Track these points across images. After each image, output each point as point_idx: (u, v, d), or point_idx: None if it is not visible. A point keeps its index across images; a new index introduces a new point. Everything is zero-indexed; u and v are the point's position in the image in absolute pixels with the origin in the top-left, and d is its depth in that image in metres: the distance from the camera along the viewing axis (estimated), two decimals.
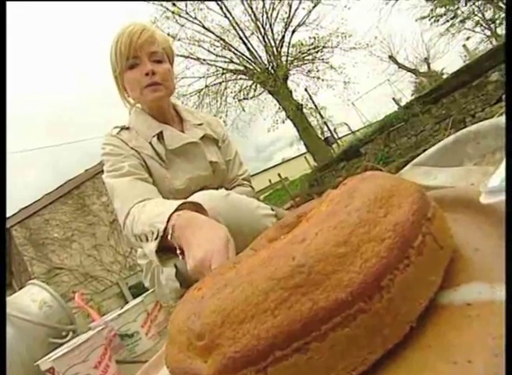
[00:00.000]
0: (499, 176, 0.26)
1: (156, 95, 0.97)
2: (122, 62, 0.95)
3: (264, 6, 9.23)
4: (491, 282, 0.21)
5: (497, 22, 9.26)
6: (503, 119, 0.67)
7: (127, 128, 1.02)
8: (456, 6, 8.59)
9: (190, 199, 0.84)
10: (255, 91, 9.87)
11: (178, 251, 0.67)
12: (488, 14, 9.33)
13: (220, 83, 9.70)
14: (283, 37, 9.45)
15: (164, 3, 8.84)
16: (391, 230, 0.20)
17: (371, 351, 0.18)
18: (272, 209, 0.93)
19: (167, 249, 0.72)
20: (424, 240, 0.21)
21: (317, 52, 9.69)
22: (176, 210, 0.69)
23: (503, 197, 0.23)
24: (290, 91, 9.13)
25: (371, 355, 0.18)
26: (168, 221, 0.67)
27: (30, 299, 1.11)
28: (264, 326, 0.18)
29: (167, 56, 1.01)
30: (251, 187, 1.18)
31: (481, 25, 9.39)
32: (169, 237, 0.67)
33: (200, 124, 1.10)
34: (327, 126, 10.61)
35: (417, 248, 0.20)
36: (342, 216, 0.22)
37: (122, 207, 0.86)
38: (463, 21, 9.18)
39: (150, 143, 0.99)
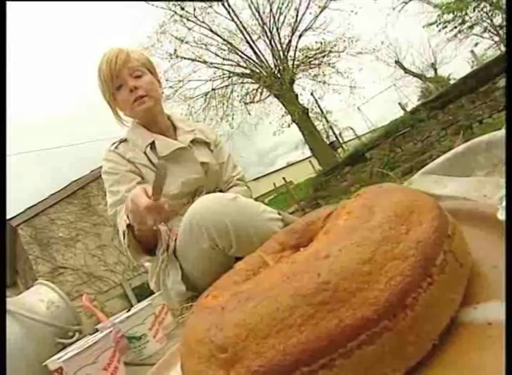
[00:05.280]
0: None
1: (144, 107, 1.05)
2: (108, 87, 1.06)
3: (271, 10, 9.29)
4: None
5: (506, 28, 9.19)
6: None
7: (125, 140, 1.11)
8: (464, 12, 8.55)
9: (197, 202, 0.88)
10: (261, 94, 9.90)
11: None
12: (497, 20, 9.27)
13: (226, 86, 9.75)
14: (290, 41, 9.49)
15: (172, 7, 8.93)
16: (414, 248, 0.21)
17: (395, 369, 0.18)
18: (279, 213, 0.94)
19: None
20: (445, 258, 0.21)
21: (323, 57, 9.70)
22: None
23: None
24: (296, 95, 9.14)
25: (395, 372, 0.18)
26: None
27: (37, 299, 1.12)
28: (291, 342, 0.18)
29: (147, 69, 1.10)
30: (247, 186, 1.23)
31: (490, 31, 9.33)
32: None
33: (192, 130, 1.16)
34: (332, 131, 10.61)
35: (439, 267, 0.21)
36: (364, 232, 0.22)
37: (120, 235, 0.99)
38: (471, 27, 9.13)
39: (145, 153, 1.06)
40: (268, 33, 9.34)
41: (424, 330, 0.19)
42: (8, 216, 5.59)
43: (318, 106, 10.16)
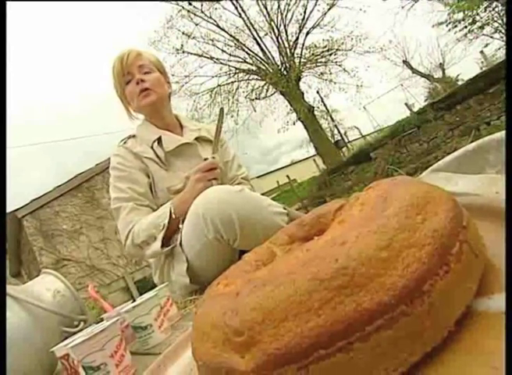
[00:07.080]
0: None
1: (148, 100, 1.10)
2: (120, 82, 1.11)
3: (279, 7, 9.24)
4: None
5: None
6: None
7: (133, 136, 1.16)
8: (475, 12, 8.41)
9: (204, 193, 0.90)
10: (267, 91, 9.88)
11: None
12: None
13: (232, 82, 9.74)
14: (297, 38, 9.44)
15: (180, 2, 8.91)
16: (430, 237, 0.21)
17: (411, 354, 0.19)
18: (284, 208, 0.95)
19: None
20: (461, 247, 0.22)
21: (330, 55, 9.65)
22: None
23: None
24: (302, 93, 9.11)
25: (411, 357, 0.19)
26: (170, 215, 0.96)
27: (44, 288, 1.13)
28: (308, 325, 0.18)
29: (156, 67, 1.15)
30: (251, 185, 1.27)
31: (501, 31, 9.18)
32: (173, 216, 0.95)
33: (197, 129, 1.21)
34: (337, 130, 10.58)
35: (455, 256, 0.21)
36: (380, 220, 0.22)
37: (123, 229, 1.03)
38: (481, 27, 8.99)
39: (151, 147, 1.10)
40: (276, 30, 9.30)
41: (440, 317, 0.19)
42: (13, 208, 5.65)
43: (324, 105, 10.12)
